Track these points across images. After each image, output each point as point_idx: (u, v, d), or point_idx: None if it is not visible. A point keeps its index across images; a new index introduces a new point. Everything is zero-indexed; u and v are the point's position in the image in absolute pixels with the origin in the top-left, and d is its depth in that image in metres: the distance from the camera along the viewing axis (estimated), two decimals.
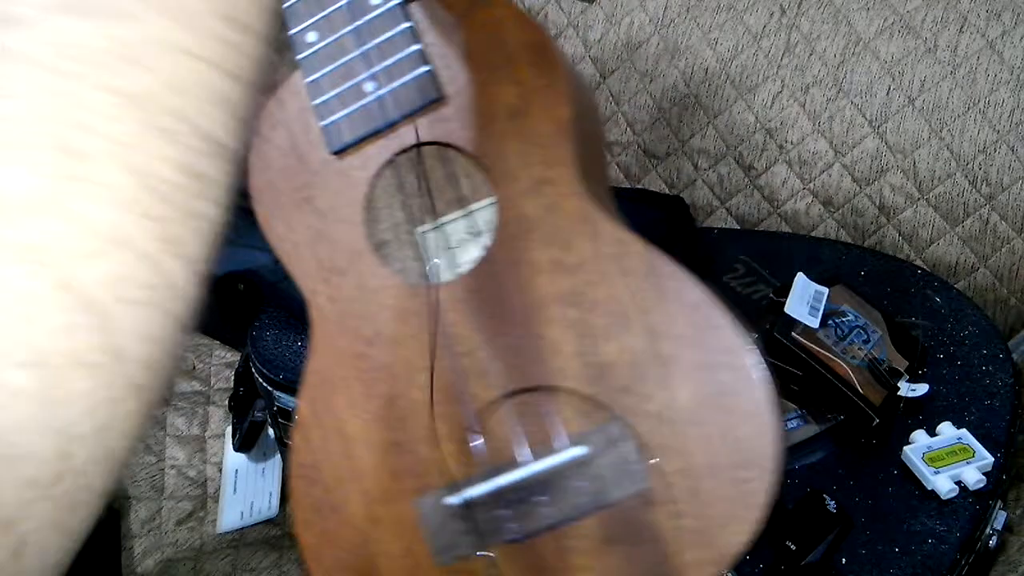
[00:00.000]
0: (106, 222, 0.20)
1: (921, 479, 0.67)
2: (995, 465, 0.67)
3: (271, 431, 0.86)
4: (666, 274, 0.33)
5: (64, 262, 0.20)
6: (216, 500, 0.89)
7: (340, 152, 0.39)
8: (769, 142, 1.04)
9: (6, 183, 0.19)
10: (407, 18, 0.37)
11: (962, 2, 0.94)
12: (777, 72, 1.03)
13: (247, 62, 0.24)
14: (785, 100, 1.02)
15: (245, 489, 0.89)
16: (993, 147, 0.91)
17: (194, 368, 1.04)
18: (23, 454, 0.19)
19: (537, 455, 0.34)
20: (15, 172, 0.19)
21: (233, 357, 1.05)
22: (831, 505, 0.63)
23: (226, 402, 0.97)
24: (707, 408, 0.32)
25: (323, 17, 0.37)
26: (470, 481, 0.35)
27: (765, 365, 0.32)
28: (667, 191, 1.11)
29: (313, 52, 0.37)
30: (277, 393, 0.79)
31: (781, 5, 1.03)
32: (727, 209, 1.09)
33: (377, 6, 0.37)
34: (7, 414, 0.19)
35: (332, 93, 0.38)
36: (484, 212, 0.38)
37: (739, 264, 0.91)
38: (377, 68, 0.37)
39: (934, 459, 0.67)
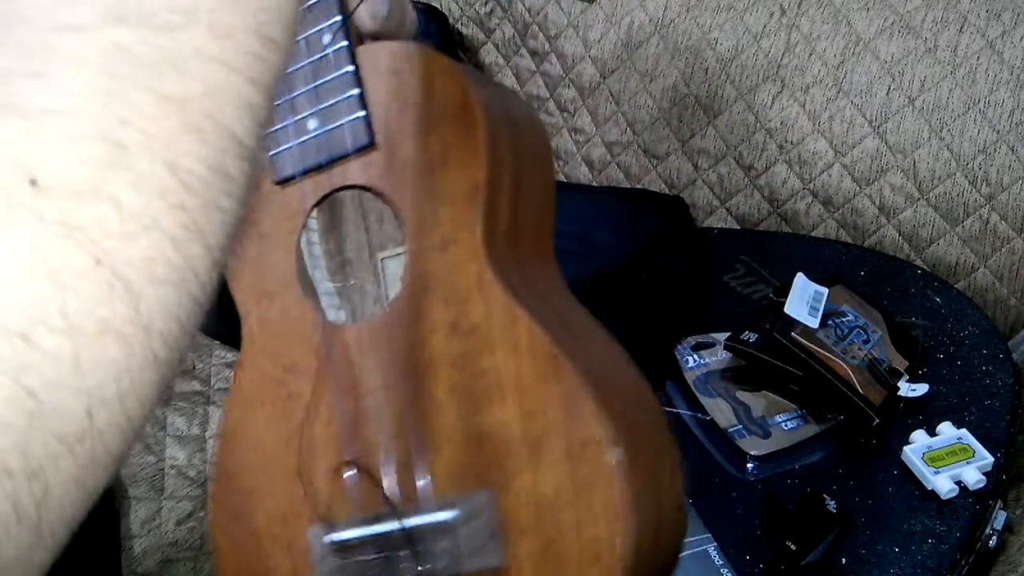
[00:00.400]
0: (141, 207, 0.23)
1: (921, 479, 0.67)
2: (995, 465, 0.67)
3: None
4: (547, 355, 0.33)
5: (104, 241, 0.22)
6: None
7: (282, 183, 0.40)
8: (769, 142, 1.04)
9: (58, 170, 0.22)
10: (353, 61, 0.38)
11: (962, 2, 0.94)
12: (777, 72, 1.03)
13: (270, 73, 0.27)
14: (785, 100, 1.02)
15: None
16: (993, 147, 0.91)
17: (194, 368, 1.04)
18: (53, 411, 0.21)
19: (405, 511, 0.35)
20: (66, 160, 0.22)
21: (233, 357, 1.05)
22: (831, 505, 0.63)
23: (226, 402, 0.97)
24: (566, 498, 0.32)
25: None
26: (347, 523, 0.36)
27: (624, 463, 0.31)
28: (667, 191, 1.11)
29: None
30: None
31: (781, 5, 1.03)
32: (727, 209, 1.09)
33: (327, 45, 0.38)
34: (41, 373, 0.21)
35: (280, 125, 0.39)
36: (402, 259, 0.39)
37: (739, 264, 0.91)
38: (320, 106, 0.38)
39: (934, 459, 0.67)
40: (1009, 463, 0.70)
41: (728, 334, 0.78)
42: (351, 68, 0.38)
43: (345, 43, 0.38)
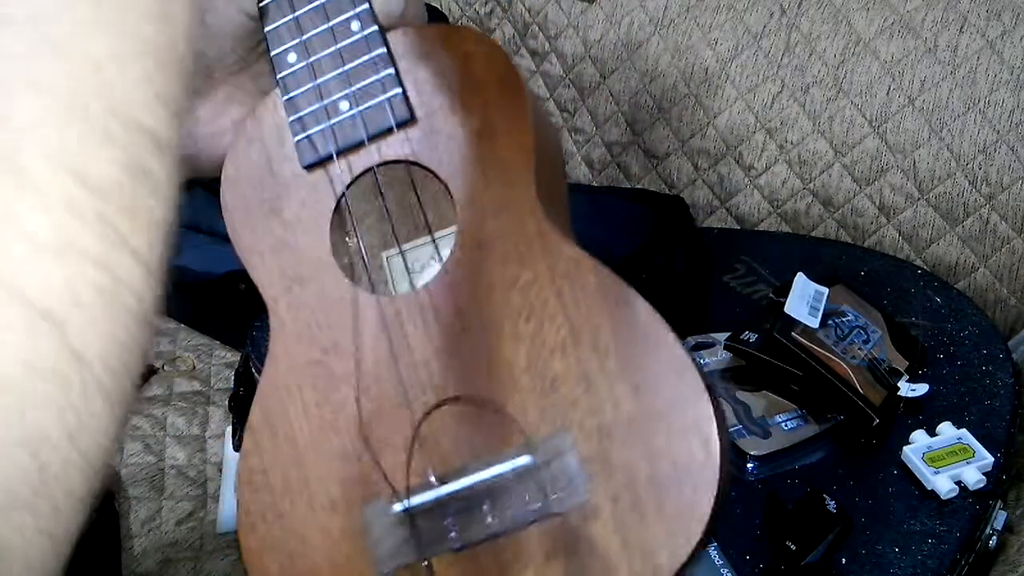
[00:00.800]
0: (49, 228, 0.20)
1: (921, 479, 0.67)
2: (995, 465, 0.67)
3: None
4: (616, 293, 0.35)
5: (13, 277, 0.20)
6: (216, 500, 0.89)
7: (311, 167, 0.40)
8: (769, 142, 1.04)
9: None
10: (384, 43, 0.40)
11: (962, 2, 0.94)
12: (777, 72, 1.03)
13: (172, 52, 0.24)
14: (785, 100, 1.02)
15: None
16: (993, 147, 0.91)
17: (194, 368, 1.04)
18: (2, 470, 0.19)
19: (483, 464, 0.35)
20: None
21: (233, 357, 1.05)
22: (831, 505, 0.63)
23: (226, 402, 0.97)
24: (651, 424, 0.33)
25: (305, 40, 0.40)
26: (415, 490, 0.36)
27: (709, 383, 0.33)
28: (667, 191, 1.11)
29: (292, 72, 0.40)
30: None
31: (781, 5, 1.03)
32: (727, 209, 1.09)
33: (356, 32, 0.39)
34: None
35: (308, 110, 0.40)
36: (448, 239, 0.40)
37: (739, 264, 0.91)
38: (352, 88, 0.40)
39: (934, 459, 0.67)
40: (1009, 463, 0.70)
41: (728, 334, 0.78)
42: (383, 50, 0.40)
43: (375, 27, 0.40)
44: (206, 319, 1.07)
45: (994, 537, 0.69)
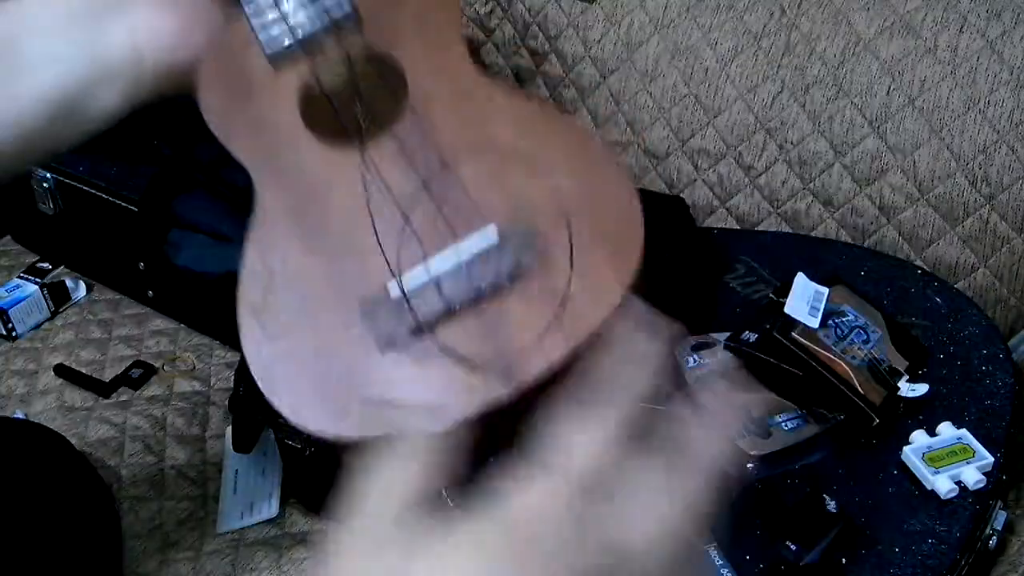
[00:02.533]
0: None
1: (921, 479, 0.67)
2: (995, 465, 0.67)
3: (271, 431, 0.86)
4: (550, 110, 0.48)
5: None
6: (216, 500, 0.89)
7: (277, 61, 0.49)
8: (769, 142, 1.04)
9: None
10: None
11: (962, 2, 0.94)
12: (777, 72, 1.03)
13: None
14: (785, 100, 1.02)
15: (245, 489, 0.89)
16: (993, 147, 0.91)
17: (194, 368, 1.04)
18: None
19: (465, 239, 0.42)
20: None
21: (233, 357, 1.05)
22: (831, 505, 0.63)
23: (226, 402, 0.97)
24: (590, 193, 0.43)
25: None
26: (407, 273, 0.42)
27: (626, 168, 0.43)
28: (667, 191, 1.11)
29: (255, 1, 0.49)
30: None
31: (781, 5, 1.03)
32: (727, 209, 1.09)
33: None
34: None
35: (269, 18, 0.49)
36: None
37: (739, 264, 0.91)
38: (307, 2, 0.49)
39: (934, 459, 0.67)
40: (1009, 463, 0.70)
41: (728, 334, 0.78)
42: None
43: None
44: (206, 319, 1.07)
45: (994, 537, 0.69)
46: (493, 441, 0.36)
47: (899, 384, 0.73)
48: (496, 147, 0.44)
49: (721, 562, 0.61)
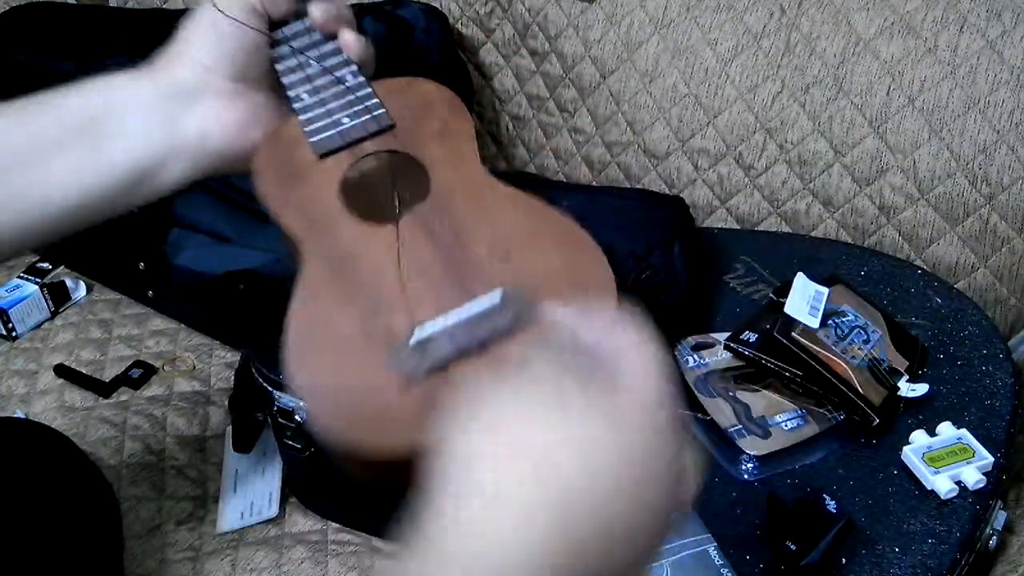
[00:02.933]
0: None
1: (921, 479, 0.67)
2: (995, 465, 0.67)
3: (271, 431, 0.86)
4: (537, 204, 0.55)
5: None
6: (216, 500, 0.89)
7: (324, 156, 0.58)
8: (769, 142, 1.04)
9: None
10: (369, 85, 0.61)
11: (962, 2, 0.94)
12: (777, 72, 1.03)
13: None
14: (785, 100, 1.02)
15: (245, 489, 0.89)
16: (993, 147, 0.91)
17: (194, 368, 1.04)
18: None
19: (467, 303, 0.50)
20: None
21: (233, 357, 1.05)
22: (831, 505, 0.63)
23: (226, 402, 0.97)
24: (568, 269, 0.52)
25: (315, 86, 0.60)
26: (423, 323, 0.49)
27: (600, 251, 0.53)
28: (667, 191, 1.11)
29: (306, 105, 0.60)
30: (277, 393, 0.79)
31: (781, 5, 1.03)
32: (727, 209, 1.09)
33: (350, 80, 0.61)
34: None
35: (320, 124, 0.59)
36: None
37: (739, 264, 0.91)
38: (350, 110, 0.59)
39: (934, 459, 0.67)
40: (1009, 463, 0.70)
41: (728, 334, 0.78)
42: (369, 89, 0.61)
43: (361, 77, 0.61)
44: (206, 319, 1.07)
45: (994, 537, 0.69)
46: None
47: (899, 384, 0.73)
48: (498, 227, 0.54)
49: (721, 562, 0.61)
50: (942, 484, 0.66)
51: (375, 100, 0.60)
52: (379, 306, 0.52)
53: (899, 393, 0.73)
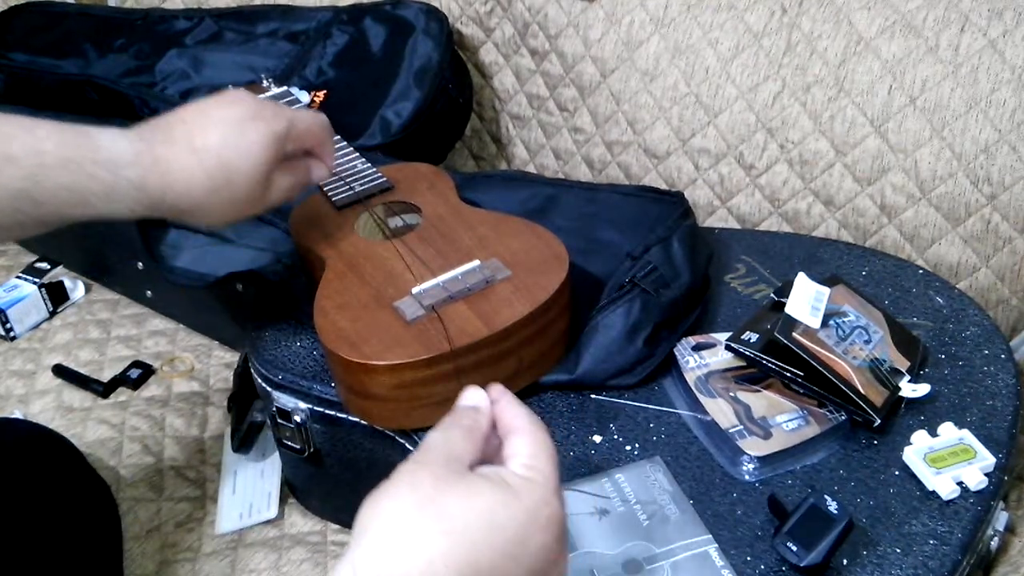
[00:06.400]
0: None
1: (922, 480, 0.67)
2: (997, 466, 0.67)
3: (270, 432, 0.86)
4: (505, 216, 0.82)
5: None
6: (215, 501, 0.89)
7: (341, 208, 0.85)
8: (770, 142, 1.04)
9: None
10: (375, 169, 0.89)
11: (963, 1, 0.94)
12: (778, 71, 1.03)
13: None
14: (786, 99, 1.02)
15: (244, 490, 0.89)
16: (995, 147, 0.91)
17: (193, 368, 1.04)
18: None
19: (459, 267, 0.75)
20: None
21: (232, 357, 1.05)
22: (832, 506, 0.63)
23: (225, 402, 0.96)
24: (530, 248, 0.77)
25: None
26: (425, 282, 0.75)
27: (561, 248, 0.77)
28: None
29: (328, 182, 0.86)
30: (276, 393, 0.79)
31: (782, 4, 1.03)
32: (728, 209, 1.09)
33: (362, 167, 0.90)
34: None
35: (338, 188, 0.87)
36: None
37: (740, 264, 0.91)
38: (359, 180, 0.88)
39: (935, 460, 0.67)
40: (1011, 464, 0.70)
41: (729, 334, 0.77)
42: (374, 169, 0.90)
43: (369, 165, 0.91)
44: (206, 319, 1.07)
45: (996, 538, 0.69)
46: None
47: (900, 384, 0.73)
48: (476, 230, 0.79)
49: (722, 563, 0.61)
50: (944, 485, 0.65)
51: (377, 172, 0.88)
52: (386, 284, 0.74)
53: (900, 393, 0.73)
